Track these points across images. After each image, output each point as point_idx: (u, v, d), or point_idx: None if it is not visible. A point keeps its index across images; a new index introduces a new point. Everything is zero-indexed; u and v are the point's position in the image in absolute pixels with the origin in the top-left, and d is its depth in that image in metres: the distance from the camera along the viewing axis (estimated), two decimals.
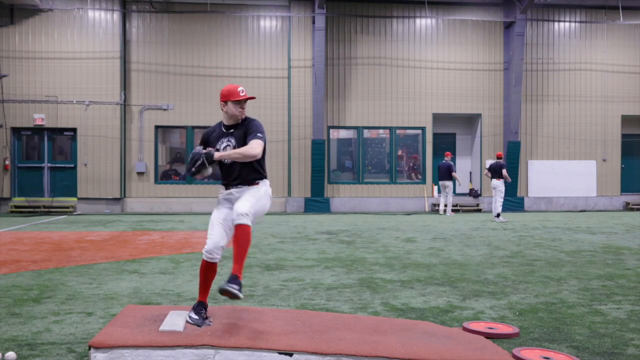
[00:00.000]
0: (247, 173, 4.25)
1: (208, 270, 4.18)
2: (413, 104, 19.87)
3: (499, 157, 15.74)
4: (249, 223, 4.00)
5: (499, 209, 15.21)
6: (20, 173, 18.81)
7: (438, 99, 19.98)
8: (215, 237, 4.13)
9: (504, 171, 15.35)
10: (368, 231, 12.32)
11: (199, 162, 4.11)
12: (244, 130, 4.26)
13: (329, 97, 19.60)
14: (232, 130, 4.30)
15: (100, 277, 6.71)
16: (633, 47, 20.88)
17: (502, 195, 15.39)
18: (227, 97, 4.24)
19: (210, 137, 4.38)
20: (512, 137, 19.65)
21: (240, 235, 4.00)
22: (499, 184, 15.37)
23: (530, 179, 20.50)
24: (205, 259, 4.14)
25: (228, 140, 4.28)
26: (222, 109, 4.30)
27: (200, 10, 19.14)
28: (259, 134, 4.21)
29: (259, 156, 4.18)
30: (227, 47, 19.35)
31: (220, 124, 4.39)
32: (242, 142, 4.23)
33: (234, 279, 3.92)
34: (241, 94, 4.24)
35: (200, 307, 4.17)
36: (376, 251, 9.08)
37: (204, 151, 4.14)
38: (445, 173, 17.63)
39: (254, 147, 4.13)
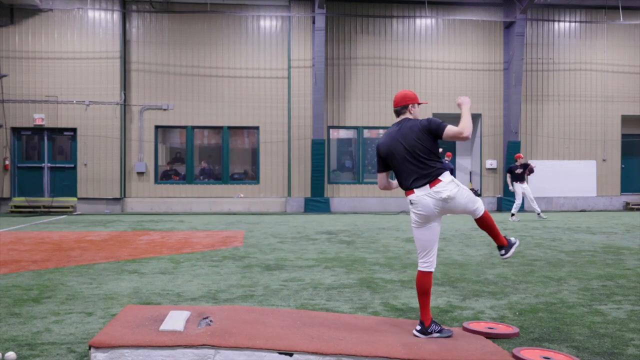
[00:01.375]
0: None
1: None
2: None
3: (516, 159, 15.97)
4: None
5: (537, 208, 15.61)
6: (20, 173, 18.82)
7: (438, 99, 19.97)
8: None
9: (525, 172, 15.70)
10: (368, 231, 12.32)
11: None
12: None
13: (329, 97, 19.60)
14: None
15: (100, 277, 6.72)
16: (633, 47, 20.88)
17: (517, 197, 15.66)
18: (416, 100, 4.38)
19: None
20: (512, 137, 19.65)
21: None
22: (515, 186, 15.61)
23: (530, 179, 20.48)
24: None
25: None
26: (410, 111, 4.35)
27: (200, 10, 19.14)
28: None
29: None
30: (227, 47, 19.35)
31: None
32: None
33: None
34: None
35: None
36: (376, 251, 9.08)
37: None
38: None
39: None
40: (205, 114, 19.19)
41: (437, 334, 4.10)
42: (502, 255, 4.37)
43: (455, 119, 21.33)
